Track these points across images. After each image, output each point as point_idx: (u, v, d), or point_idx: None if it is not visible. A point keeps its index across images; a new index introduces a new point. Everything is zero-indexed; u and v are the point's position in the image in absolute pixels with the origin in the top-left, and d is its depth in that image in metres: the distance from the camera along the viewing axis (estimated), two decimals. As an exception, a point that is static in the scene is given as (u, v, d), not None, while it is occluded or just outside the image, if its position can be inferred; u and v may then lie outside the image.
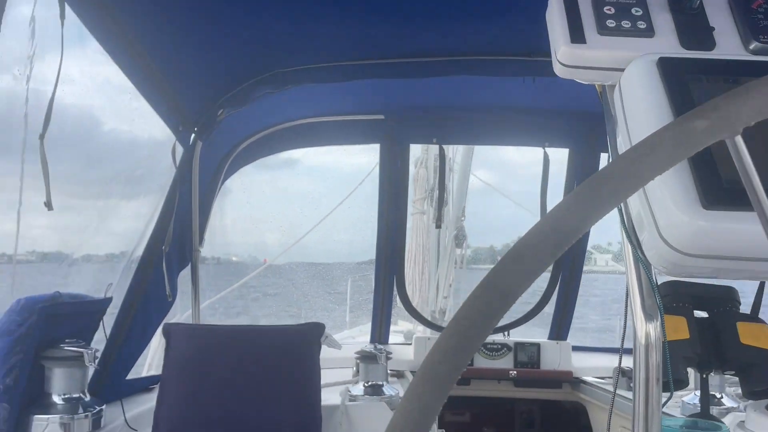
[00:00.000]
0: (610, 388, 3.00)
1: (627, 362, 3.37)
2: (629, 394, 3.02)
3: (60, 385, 1.98)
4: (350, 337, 5.32)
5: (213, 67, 2.47)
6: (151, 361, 3.12)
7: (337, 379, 2.81)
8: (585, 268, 3.63)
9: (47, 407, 1.94)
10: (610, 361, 3.42)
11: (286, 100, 2.87)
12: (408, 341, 4.36)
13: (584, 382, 3.27)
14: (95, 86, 2.49)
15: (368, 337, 3.60)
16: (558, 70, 0.98)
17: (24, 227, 1.85)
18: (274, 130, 3.18)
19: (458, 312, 0.46)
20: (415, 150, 4.41)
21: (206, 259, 3.09)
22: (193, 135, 2.64)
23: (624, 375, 3.00)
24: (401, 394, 2.62)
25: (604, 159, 3.29)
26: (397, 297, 3.62)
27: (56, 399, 1.97)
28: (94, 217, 2.44)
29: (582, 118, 3.18)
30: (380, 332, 3.50)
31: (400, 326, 5.28)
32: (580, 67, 0.96)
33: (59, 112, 1.73)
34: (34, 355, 1.89)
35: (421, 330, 5.41)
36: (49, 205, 1.62)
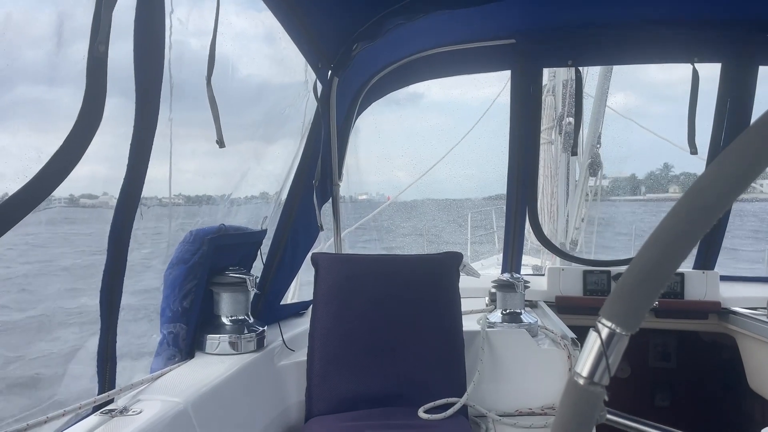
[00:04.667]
0: (766, 319, 2.84)
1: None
2: None
3: (227, 308, 2.17)
4: None
5: (348, 2, 2.49)
6: (293, 291, 3.34)
7: (471, 308, 2.85)
8: (744, 195, 3.36)
9: (218, 327, 2.13)
10: (764, 291, 3.22)
11: (416, 31, 2.84)
12: (536, 273, 4.33)
13: (734, 312, 3.11)
14: (231, 35, 2.59)
15: (490, 271, 3.58)
16: None
17: (174, 173, 1.95)
18: (403, 63, 3.18)
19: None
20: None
21: (343, 198, 3.20)
22: (329, 71, 2.71)
23: None
24: (539, 323, 2.63)
25: (763, 72, 2.99)
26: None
27: (225, 320, 2.16)
28: (245, 160, 2.58)
29: (737, 28, 2.90)
30: (512, 262, 3.48)
31: (524, 261, 5.30)
32: None
33: (201, 60, 1.75)
34: (205, 281, 2.08)
35: (550, 262, 5.35)
36: (221, 142, 1.72)
